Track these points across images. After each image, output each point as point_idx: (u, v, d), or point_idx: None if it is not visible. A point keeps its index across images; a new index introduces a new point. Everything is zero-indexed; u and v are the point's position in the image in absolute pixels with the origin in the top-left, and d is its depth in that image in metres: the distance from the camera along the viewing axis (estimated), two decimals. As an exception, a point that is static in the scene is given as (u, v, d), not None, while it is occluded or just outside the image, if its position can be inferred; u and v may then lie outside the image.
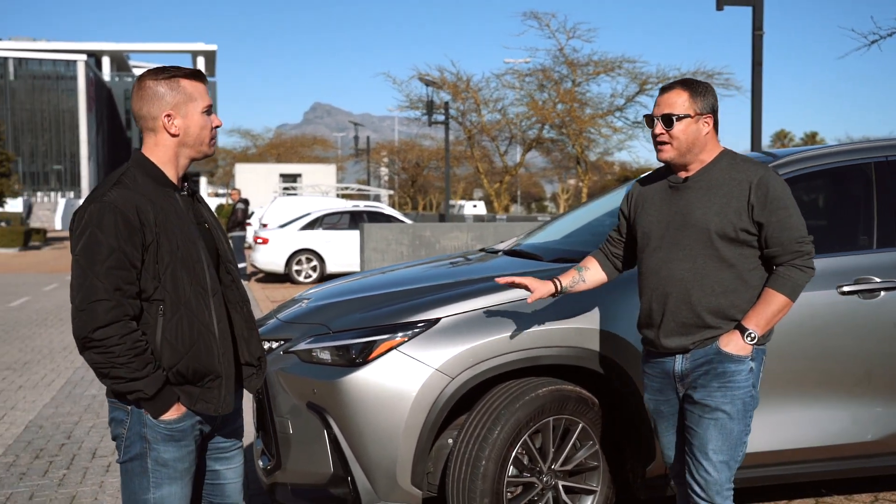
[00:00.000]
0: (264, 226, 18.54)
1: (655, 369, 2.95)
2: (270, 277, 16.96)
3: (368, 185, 43.42)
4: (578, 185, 32.34)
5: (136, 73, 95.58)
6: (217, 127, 2.45)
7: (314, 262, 16.35)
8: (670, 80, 3.69)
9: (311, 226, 16.64)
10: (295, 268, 16.29)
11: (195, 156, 2.42)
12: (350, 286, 4.21)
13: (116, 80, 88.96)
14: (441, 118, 25.47)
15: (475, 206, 55.33)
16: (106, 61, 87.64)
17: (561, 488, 3.49)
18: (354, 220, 16.66)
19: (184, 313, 2.29)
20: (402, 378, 3.29)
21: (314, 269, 16.33)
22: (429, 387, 3.29)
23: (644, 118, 2.98)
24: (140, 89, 2.37)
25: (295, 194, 30.33)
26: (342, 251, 15.98)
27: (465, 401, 3.44)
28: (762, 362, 2.89)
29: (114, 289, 2.19)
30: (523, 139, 28.46)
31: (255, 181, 35.75)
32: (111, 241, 2.19)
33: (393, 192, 52.22)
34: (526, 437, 3.37)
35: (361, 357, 3.35)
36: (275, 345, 3.67)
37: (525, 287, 3.15)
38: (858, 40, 10.96)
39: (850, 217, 3.96)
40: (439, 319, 3.38)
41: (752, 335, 2.76)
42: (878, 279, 3.62)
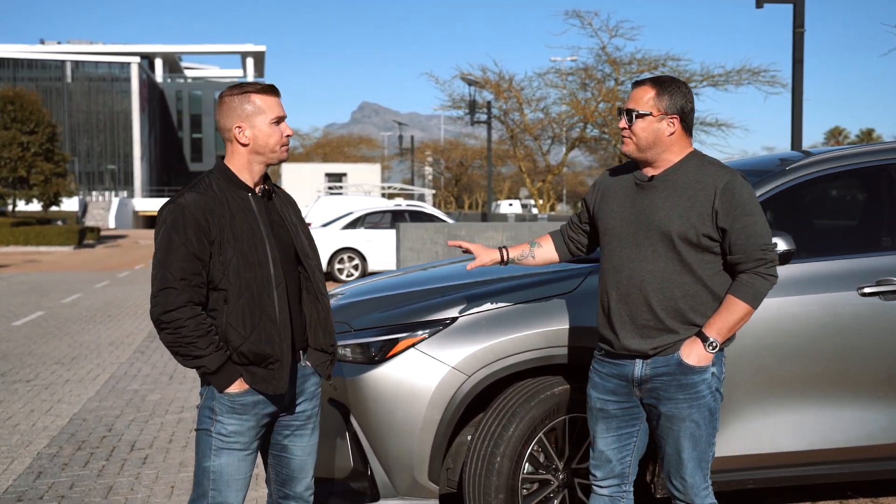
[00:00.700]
0: (307, 225, 18.78)
1: (611, 371, 2.90)
2: (313, 276, 17.17)
3: (412, 184, 43.63)
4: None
5: (188, 74, 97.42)
6: (289, 136, 2.71)
7: (356, 261, 16.55)
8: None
9: (352, 225, 16.84)
10: (337, 266, 16.50)
11: (267, 162, 2.69)
12: (375, 285, 4.30)
13: (168, 81, 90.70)
14: (483, 117, 25.50)
15: (510, 205, 55.51)
16: (158, 63, 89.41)
17: (577, 486, 3.54)
18: (396, 219, 16.81)
19: (245, 302, 2.57)
20: (420, 376, 3.37)
21: (356, 267, 16.52)
22: (445, 384, 3.36)
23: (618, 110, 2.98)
24: (219, 104, 2.68)
25: (339, 194, 30.64)
26: (384, 250, 16.14)
27: (484, 399, 3.51)
28: (723, 363, 2.87)
29: (181, 278, 2.51)
30: (566, 138, 28.34)
31: (300, 181, 36.16)
32: (180, 238, 2.52)
33: (435, 192, 52.37)
34: (541, 434, 3.42)
35: (380, 355, 3.44)
36: None
37: (470, 252, 3.20)
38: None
39: (874, 218, 3.94)
40: (456, 318, 3.45)
41: (714, 344, 2.74)
42: (900, 281, 3.59)
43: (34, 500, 4.35)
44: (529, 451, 3.41)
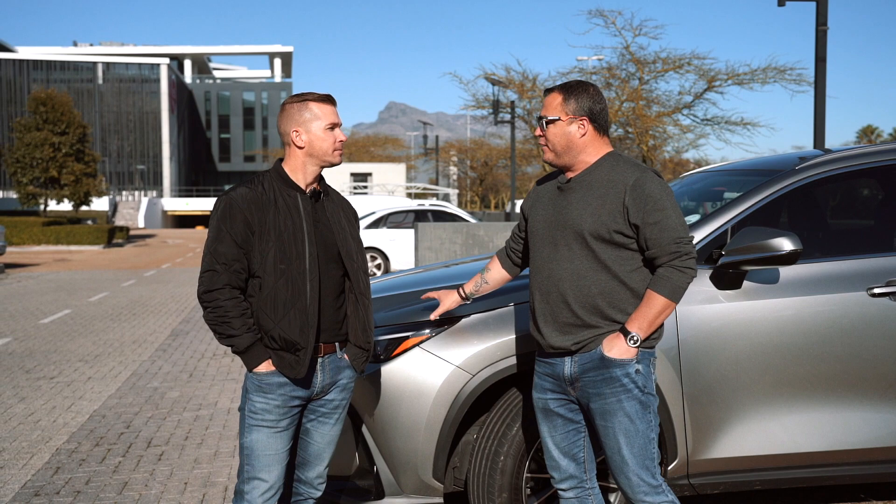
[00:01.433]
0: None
1: (546, 370, 2.95)
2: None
3: (437, 184, 43.68)
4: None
5: (216, 74, 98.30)
6: (342, 141, 2.93)
7: (378, 261, 16.62)
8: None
9: (375, 224, 16.91)
10: (360, 266, 16.58)
11: (321, 164, 2.92)
12: (384, 284, 4.33)
13: (197, 82, 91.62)
14: (507, 117, 25.46)
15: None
16: (187, 64, 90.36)
17: (582, 485, 3.54)
18: (419, 218, 16.86)
19: (279, 290, 2.78)
20: (424, 374, 3.40)
21: (378, 266, 16.59)
22: (449, 383, 3.38)
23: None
24: (281, 111, 2.94)
25: (364, 193, 30.78)
26: (406, 249, 16.18)
27: (492, 398, 3.53)
28: (651, 364, 2.87)
29: (221, 263, 2.76)
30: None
31: (326, 180, 36.36)
32: (227, 227, 2.78)
33: (458, 191, 52.44)
34: (545, 434, 3.42)
35: (385, 353, 3.47)
36: None
37: (434, 300, 3.33)
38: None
39: (886, 218, 3.89)
40: (461, 318, 3.47)
41: (635, 338, 2.76)
42: (911, 281, 3.55)
43: (51, 495, 4.43)
44: (533, 450, 3.42)
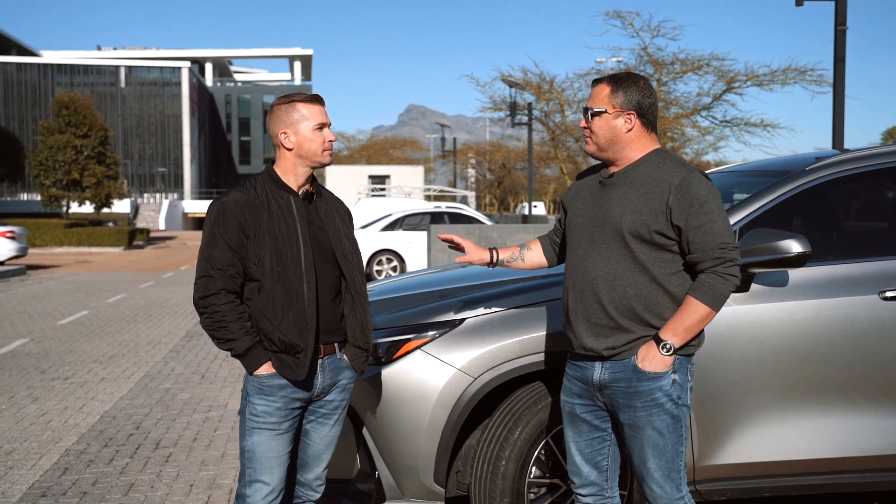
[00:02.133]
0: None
1: (576, 373, 2.86)
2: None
3: (455, 186, 43.67)
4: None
5: (237, 78, 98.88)
6: (331, 141, 2.89)
7: (394, 263, 16.61)
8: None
9: (391, 227, 16.91)
10: (376, 268, 16.58)
11: (311, 165, 2.87)
12: (387, 286, 4.30)
13: (218, 85, 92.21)
14: (525, 119, 25.39)
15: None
16: (209, 67, 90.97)
17: (587, 491, 3.48)
18: (435, 220, 16.83)
19: (276, 293, 2.76)
20: (425, 377, 3.36)
21: (394, 269, 16.59)
22: (451, 386, 3.34)
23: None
24: (269, 113, 2.90)
25: (381, 195, 30.82)
26: (422, 251, 16.16)
27: (496, 402, 3.49)
28: (689, 372, 2.76)
29: (216, 268, 2.75)
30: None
31: (344, 182, 36.48)
32: (220, 232, 2.76)
33: (475, 193, 52.45)
34: (549, 438, 3.38)
35: (387, 356, 3.43)
36: None
37: (461, 248, 3.15)
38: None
39: (899, 220, 3.81)
40: (463, 320, 3.43)
41: (668, 346, 2.63)
42: (924, 284, 3.47)
43: (57, 496, 4.44)
44: (536, 454, 3.38)
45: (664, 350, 2.64)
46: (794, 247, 3.21)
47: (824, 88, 23.16)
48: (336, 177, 38.33)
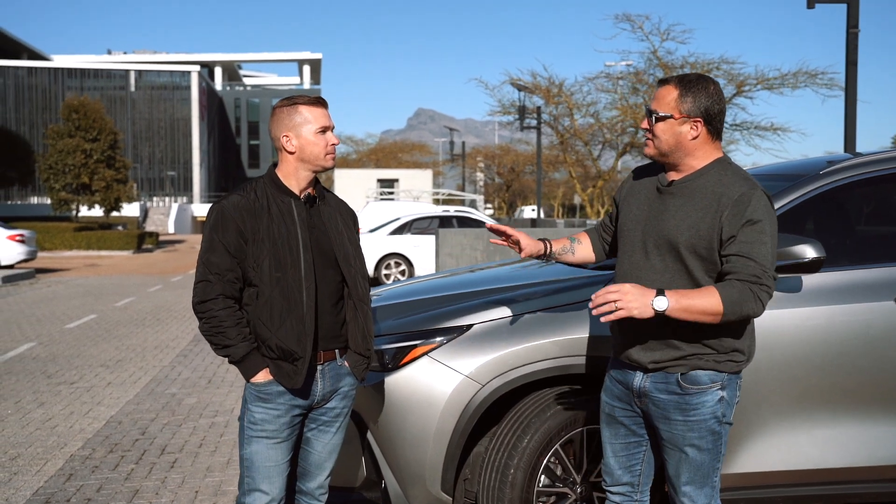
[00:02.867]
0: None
1: (619, 376, 2.80)
2: (361, 281, 17.25)
3: (464, 190, 43.64)
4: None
5: (246, 82, 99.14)
6: (334, 145, 2.83)
7: (402, 267, 16.57)
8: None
9: (400, 230, 16.87)
10: (384, 272, 16.55)
11: (313, 169, 2.82)
12: (393, 292, 4.25)
13: (227, 89, 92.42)
14: (533, 123, 25.34)
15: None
16: (218, 71, 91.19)
17: (596, 500, 3.43)
18: (444, 224, 16.81)
19: (275, 299, 2.71)
20: (433, 384, 3.31)
21: (403, 273, 16.55)
22: (459, 393, 3.29)
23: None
24: (272, 115, 2.86)
25: (391, 199, 30.82)
26: (431, 255, 16.12)
27: (504, 409, 3.43)
28: (737, 388, 2.68)
29: (214, 273, 2.70)
30: (617, 143, 28.01)
31: (353, 186, 36.49)
32: (219, 236, 2.71)
33: (483, 197, 52.48)
34: (557, 446, 3.33)
35: (393, 362, 3.39)
36: None
37: (517, 241, 3.04)
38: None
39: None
40: (471, 326, 3.38)
41: (661, 303, 2.41)
42: (940, 290, 3.41)
43: (61, 502, 4.40)
44: (545, 463, 3.32)
45: (655, 304, 2.43)
46: (809, 252, 3.15)
47: (835, 92, 23.07)
48: (344, 180, 38.36)
